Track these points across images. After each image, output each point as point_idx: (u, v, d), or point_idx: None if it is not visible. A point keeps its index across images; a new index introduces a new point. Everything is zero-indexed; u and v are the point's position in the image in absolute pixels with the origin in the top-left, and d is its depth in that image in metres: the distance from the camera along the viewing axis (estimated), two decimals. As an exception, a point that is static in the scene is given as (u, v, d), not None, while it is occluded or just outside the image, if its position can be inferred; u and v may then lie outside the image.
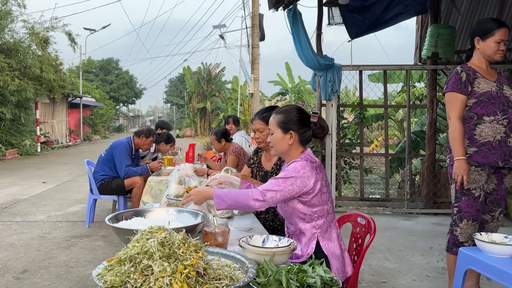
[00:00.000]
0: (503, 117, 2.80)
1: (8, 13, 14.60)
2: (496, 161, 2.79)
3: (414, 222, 5.62)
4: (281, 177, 1.99)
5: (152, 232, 1.42)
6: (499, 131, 2.79)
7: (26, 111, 15.74)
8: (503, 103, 2.81)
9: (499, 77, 2.91)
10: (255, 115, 3.04)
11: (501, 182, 2.89)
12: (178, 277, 1.26)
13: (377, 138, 10.99)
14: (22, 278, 3.62)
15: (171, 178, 2.77)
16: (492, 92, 2.81)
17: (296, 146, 2.12)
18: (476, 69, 2.89)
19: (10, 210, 6.35)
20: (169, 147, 5.80)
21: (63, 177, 10.00)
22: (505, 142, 2.80)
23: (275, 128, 2.13)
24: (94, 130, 30.74)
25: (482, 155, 2.81)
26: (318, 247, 2.04)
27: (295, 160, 2.06)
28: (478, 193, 2.83)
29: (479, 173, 2.82)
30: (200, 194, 2.04)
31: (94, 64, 35.94)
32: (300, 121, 2.12)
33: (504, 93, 2.83)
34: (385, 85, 6.48)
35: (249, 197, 1.94)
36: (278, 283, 1.38)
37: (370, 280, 3.58)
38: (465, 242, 2.88)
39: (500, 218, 2.94)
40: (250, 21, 14.30)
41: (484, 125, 2.81)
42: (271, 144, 2.16)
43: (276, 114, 2.16)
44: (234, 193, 1.98)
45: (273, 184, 1.97)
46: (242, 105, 25.41)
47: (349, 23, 6.04)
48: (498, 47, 2.81)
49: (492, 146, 2.80)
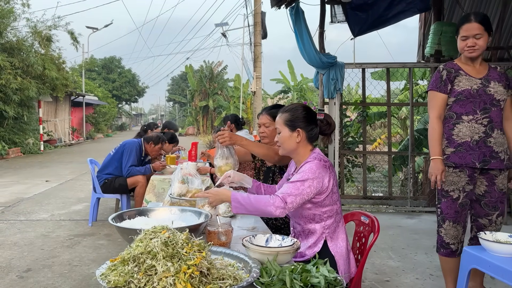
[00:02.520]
0: (483, 116, 2.67)
1: (10, 11, 14.63)
2: (474, 162, 2.68)
3: (417, 220, 5.61)
4: (298, 180, 1.95)
5: (156, 231, 1.42)
6: (478, 131, 2.68)
7: (29, 110, 15.78)
8: (485, 101, 2.69)
9: (489, 74, 2.75)
10: (262, 110, 3.07)
11: (492, 183, 2.73)
12: (182, 277, 1.26)
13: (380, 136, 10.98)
14: (26, 277, 3.63)
15: (174, 177, 2.77)
16: (471, 90, 2.70)
17: (304, 144, 2.11)
18: (462, 66, 2.78)
19: (14, 209, 6.37)
20: (172, 146, 5.84)
21: (66, 176, 10.02)
22: (485, 142, 2.67)
23: (282, 126, 2.12)
24: (97, 128, 30.80)
25: (459, 156, 2.72)
26: (324, 247, 2.03)
27: (309, 161, 2.03)
28: (457, 195, 2.76)
29: (457, 175, 2.74)
30: (218, 196, 2.00)
31: (96, 63, 35.97)
32: (306, 119, 2.11)
33: (487, 91, 2.69)
34: (388, 83, 6.46)
35: (270, 204, 1.89)
36: (281, 283, 1.38)
37: (373, 278, 3.58)
38: (451, 243, 2.82)
39: (499, 222, 2.77)
40: (252, 19, 14.30)
41: (462, 125, 2.72)
42: (279, 143, 2.15)
43: (283, 113, 2.15)
44: (253, 199, 1.93)
45: (291, 188, 1.93)
46: (244, 103, 25.39)
47: (352, 21, 6.02)
48: (465, 44, 2.70)
49: (470, 147, 2.69)
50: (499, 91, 2.70)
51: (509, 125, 2.76)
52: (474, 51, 2.69)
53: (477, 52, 2.69)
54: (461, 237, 2.84)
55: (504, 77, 2.76)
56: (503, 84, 2.73)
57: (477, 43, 2.67)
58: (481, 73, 2.75)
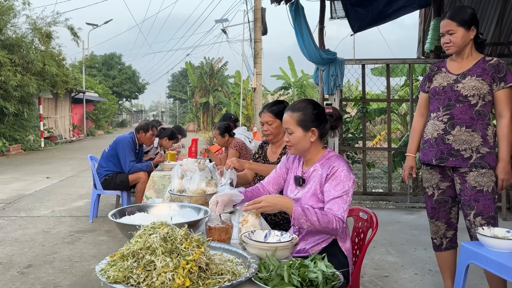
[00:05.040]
0: (444, 113, 2.64)
1: (10, 8, 14.61)
2: (431, 159, 2.70)
3: (417, 216, 5.62)
4: (342, 191, 1.94)
5: (155, 227, 1.43)
6: (437, 128, 2.66)
7: (29, 107, 15.79)
8: (449, 98, 2.63)
9: (472, 68, 2.62)
10: (264, 108, 3.07)
11: (463, 181, 2.63)
12: (181, 272, 1.27)
13: (380, 132, 10.97)
14: (26, 273, 3.65)
15: (173, 173, 2.79)
16: (438, 87, 2.68)
17: (316, 142, 2.09)
18: (448, 62, 2.75)
19: (15, 205, 6.39)
20: (171, 143, 5.88)
21: (67, 172, 10.04)
22: (443, 139, 2.64)
23: (295, 127, 2.06)
24: (98, 125, 30.82)
25: (423, 153, 2.78)
26: (334, 245, 2.04)
27: (336, 166, 2.00)
28: (431, 192, 2.81)
29: (429, 172, 2.79)
30: (275, 206, 1.87)
31: (96, 60, 35.94)
32: (318, 116, 2.08)
33: (455, 87, 2.61)
34: (388, 79, 6.45)
35: (332, 224, 1.87)
36: (280, 278, 1.39)
37: (372, 274, 3.60)
38: (434, 238, 2.91)
39: (478, 222, 2.59)
40: (252, 15, 14.27)
41: (429, 122, 2.74)
42: (291, 143, 2.08)
43: (293, 112, 2.07)
44: (320, 215, 1.87)
45: (341, 203, 1.92)
46: (244, 100, 25.37)
47: (352, 17, 6.01)
48: (442, 41, 2.67)
49: (430, 144, 2.71)
50: (469, 86, 2.57)
51: (499, 123, 2.63)
52: (449, 48, 2.64)
53: (452, 49, 2.63)
54: (444, 233, 2.86)
55: (492, 70, 2.58)
56: (485, 78, 2.57)
57: (451, 40, 2.61)
58: (462, 69, 2.65)
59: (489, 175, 2.60)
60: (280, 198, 1.92)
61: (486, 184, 2.59)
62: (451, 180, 2.74)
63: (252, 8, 14.07)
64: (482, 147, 2.59)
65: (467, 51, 2.66)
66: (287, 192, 2.21)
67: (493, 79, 2.58)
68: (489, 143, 2.60)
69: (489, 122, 2.62)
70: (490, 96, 2.60)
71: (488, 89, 2.58)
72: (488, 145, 2.60)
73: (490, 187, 2.60)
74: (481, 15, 6.82)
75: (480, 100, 2.59)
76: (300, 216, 1.84)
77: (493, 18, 6.66)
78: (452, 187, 2.75)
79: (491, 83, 2.59)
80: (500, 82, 2.58)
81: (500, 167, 2.58)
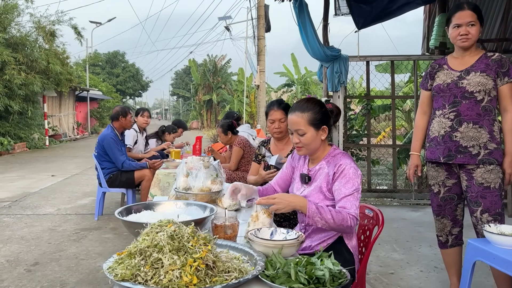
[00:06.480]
0: (450, 110, 2.63)
1: (14, 7, 14.65)
2: (439, 156, 2.69)
3: (422, 213, 5.61)
4: (353, 189, 1.94)
5: (162, 225, 1.43)
6: (444, 126, 2.65)
7: (33, 105, 15.84)
8: (455, 95, 2.62)
9: (475, 64, 2.61)
10: (272, 106, 3.05)
11: (470, 178, 2.62)
12: (188, 270, 1.28)
13: (384, 129, 10.94)
14: (33, 271, 3.67)
15: (179, 171, 2.79)
16: (442, 84, 2.66)
17: (325, 139, 2.11)
18: (449, 60, 2.73)
19: (20, 203, 6.43)
20: (173, 137, 5.90)
21: (72, 170, 10.08)
22: (450, 136, 2.63)
23: (307, 127, 2.03)
24: (102, 123, 30.87)
25: (430, 151, 2.78)
26: (340, 242, 2.04)
27: (343, 164, 1.99)
28: (437, 189, 2.81)
29: (435, 169, 2.80)
30: (288, 205, 1.84)
31: (100, 58, 36.01)
32: (325, 114, 2.08)
33: (459, 84, 2.60)
34: (393, 75, 6.43)
35: (347, 221, 1.86)
36: (286, 275, 1.39)
37: (377, 271, 3.59)
38: (439, 236, 2.92)
39: (485, 219, 2.57)
40: (255, 12, 14.23)
41: (435, 120, 2.73)
42: (302, 144, 2.05)
43: (303, 112, 2.04)
44: (334, 213, 1.86)
45: (353, 200, 1.92)
46: (248, 97, 25.36)
47: (356, 13, 5.97)
48: (457, 32, 2.60)
49: (437, 141, 2.70)
50: (475, 82, 2.57)
51: (504, 118, 2.63)
52: (467, 40, 2.59)
53: (469, 41, 2.59)
54: (450, 230, 2.86)
55: (495, 65, 2.58)
56: (489, 73, 2.57)
57: (470, 32, 2.57)
58: (465, 65, 2.64)
59: (496, 171, 2.59)
60: (294, 197, 1.91)
61: (493, 180, 2.59)
62: (457, 177, 2.74)
63: (256, 5, 14.04)
64: (490, 143, 2.58)
65: (474, 46, 2.67)
66: (293, 190, 2.21)
67: (496, 74, 2.58)
68: (496, 139, 2.60)
69: (495, 117, 2.62)
70: (495, 91, 2.60)
71: (493, 84, 2.58)
72: (496, 141, 2.59)
73: (497, 184, 2.59)
74: (487, 11, 6.78)
75: (486, 96, 2.58)
76: (315, 215, 1.83)
77: (498, 14, 6.62)
78: (458, 184, 2.75)
79: (495, 78, 2.58)
80: (504, 76, 2.58)
81: (507, 162, 2.59)
